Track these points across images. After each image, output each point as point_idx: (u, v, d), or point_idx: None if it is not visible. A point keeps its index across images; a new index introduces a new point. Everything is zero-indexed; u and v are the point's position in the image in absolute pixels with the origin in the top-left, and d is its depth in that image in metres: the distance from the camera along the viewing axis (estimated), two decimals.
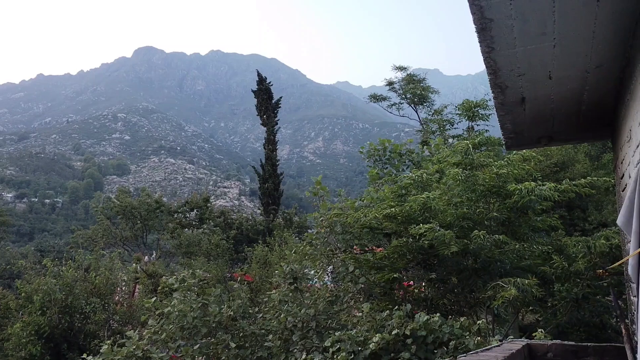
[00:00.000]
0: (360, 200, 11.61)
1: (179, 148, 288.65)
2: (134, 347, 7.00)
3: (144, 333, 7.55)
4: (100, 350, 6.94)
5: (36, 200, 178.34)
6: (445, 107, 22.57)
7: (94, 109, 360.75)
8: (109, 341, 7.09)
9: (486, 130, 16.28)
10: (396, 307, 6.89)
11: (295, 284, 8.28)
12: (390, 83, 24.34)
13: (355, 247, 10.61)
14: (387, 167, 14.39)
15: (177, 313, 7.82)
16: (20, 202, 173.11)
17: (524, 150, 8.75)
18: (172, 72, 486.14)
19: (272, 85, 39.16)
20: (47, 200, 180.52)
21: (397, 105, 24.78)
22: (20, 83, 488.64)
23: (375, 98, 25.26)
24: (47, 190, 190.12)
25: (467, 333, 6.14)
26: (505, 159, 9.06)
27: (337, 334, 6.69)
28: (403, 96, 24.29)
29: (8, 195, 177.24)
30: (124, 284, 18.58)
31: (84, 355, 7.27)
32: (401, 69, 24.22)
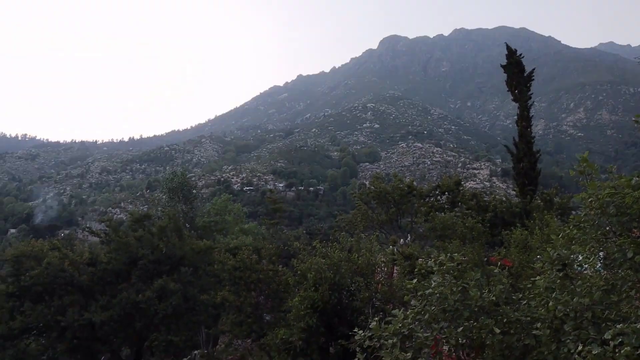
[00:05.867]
0: (637, 176, 10.08)
1: (425, 132, 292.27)
2: (400, 325, 7.32)
3: (407, 312, 7.83)
4: (369, 326, 7.43)
5: (302, 188, 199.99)
6: None
7: (346, 102, 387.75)
8: (376, 318, 7.55)
9: None
10: None
11: (564, 271, 7.63)
12: None
13: (633, 230, 9.31)
14: None
15: (437, 295, 7.92)
16: (289, 191, 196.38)
17: None
18: (416, 57, 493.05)
19: (522, 57, 36.63)
20: (311, 188, 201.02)
21: None
22: (284, 85, 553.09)
23: None
24: (310, 179, 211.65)
25: None
26: None
27: (618, 326, 5.99)
28: None
29: (280, 185, 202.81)
30: (382, 265, 19.59)
31: (355, 329, 7.87)
32: None
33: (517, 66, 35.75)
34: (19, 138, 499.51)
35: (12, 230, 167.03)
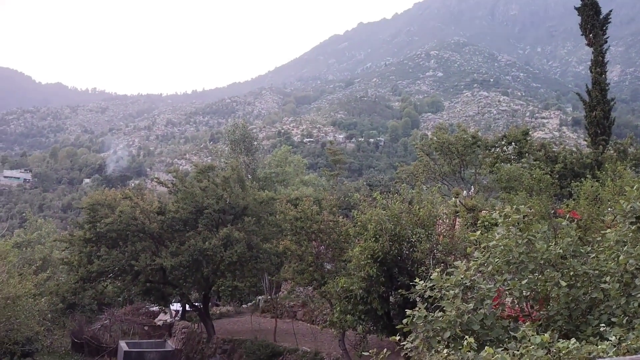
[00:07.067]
0: None
1: (492, 80, 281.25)
2: (462, 276, 7.28)
3: (470, 264, 7.77)
4: (431, 277, 7.44)
5: (362, 140, 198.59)
6: None
7: (408, 50, 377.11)
8: (438, 269, 7.54)
9: None
10: None
11: (637, 224, 7.30)
12: None
13: None
14: None
15: (502, 247, 7.79)
16: (349, 142, 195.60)
17: None
18: (482, 0, 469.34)
19: None
20: (371, 140, 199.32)
21: None
22: (344, 34, 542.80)
23: None
24: (370, 131, 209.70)
25: None
26: None
27: None
28: None
29: (340, 136, 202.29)
30: (444, 216, 19.39)
31: (416, 280, 7.90)
32: None
33: (593, 8, 33.41)
34: (89, 91, 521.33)
35: (87, 180, 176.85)
